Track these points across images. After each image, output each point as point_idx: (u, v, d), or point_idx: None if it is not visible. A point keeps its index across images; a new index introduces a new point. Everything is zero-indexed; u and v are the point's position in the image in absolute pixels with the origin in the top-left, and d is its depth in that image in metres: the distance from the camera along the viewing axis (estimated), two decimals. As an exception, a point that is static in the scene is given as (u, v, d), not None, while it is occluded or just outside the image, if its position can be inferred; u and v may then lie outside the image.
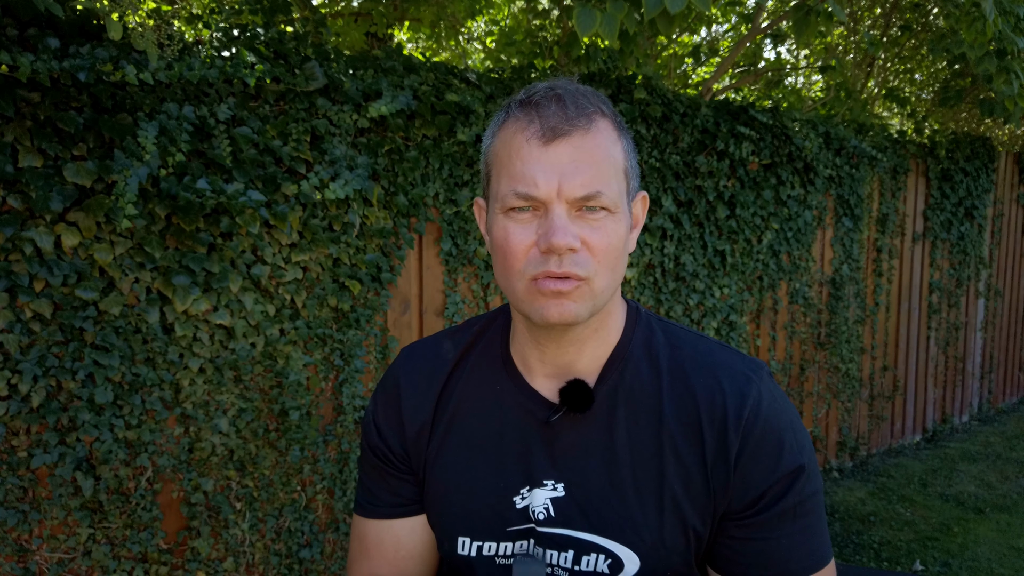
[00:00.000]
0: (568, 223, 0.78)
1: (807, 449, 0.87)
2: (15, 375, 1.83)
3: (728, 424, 0.84)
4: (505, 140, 0.82)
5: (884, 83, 5.00)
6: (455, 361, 0.96)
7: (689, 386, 0.87)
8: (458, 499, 0.92)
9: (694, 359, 0.89)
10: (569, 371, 0.89)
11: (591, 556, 0.86)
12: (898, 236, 4.60)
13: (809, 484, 0.86)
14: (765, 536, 0.85)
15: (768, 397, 0.87)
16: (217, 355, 2.14)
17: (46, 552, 1.95)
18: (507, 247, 0.81)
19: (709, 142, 3.36)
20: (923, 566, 3.28)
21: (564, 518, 0.87)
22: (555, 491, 0.88)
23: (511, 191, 0.79)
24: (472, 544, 0.91)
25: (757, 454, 0.84)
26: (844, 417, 4.39)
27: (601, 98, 0.84)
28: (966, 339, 5.35)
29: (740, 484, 0.84)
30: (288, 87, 2.21)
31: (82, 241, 1.88)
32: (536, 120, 0.79)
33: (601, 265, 0.80)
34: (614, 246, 0.81)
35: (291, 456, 2.31)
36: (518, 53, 3.92)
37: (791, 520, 0.84)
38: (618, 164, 0.82)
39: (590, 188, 0.78)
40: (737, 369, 0.88)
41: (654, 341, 0.91)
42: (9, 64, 1.72)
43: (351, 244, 2.36)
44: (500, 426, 0.91)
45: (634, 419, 0.87)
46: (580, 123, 0.79)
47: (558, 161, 0.78)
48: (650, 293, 3.26)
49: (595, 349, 0.89)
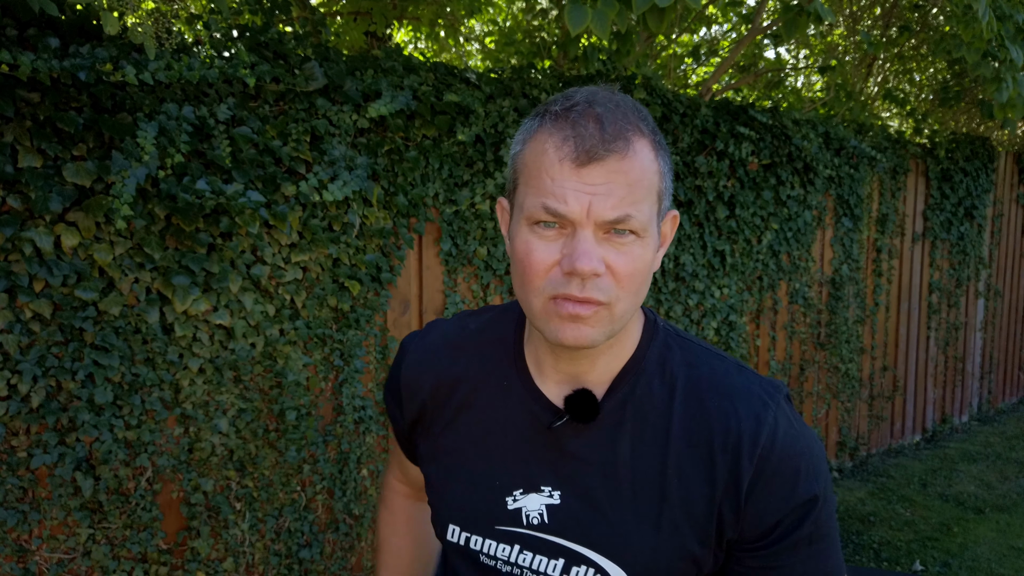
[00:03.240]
0: (594, 246, 0.76)
1: (823, 475, 0.85)
2: (15, 375, 1.83)
3: (742, 451, 0.82)
4: (536, 152, 0.79)
5: (884, 83, 5.00)
6: (464, 348, 0.97)
7: (703, 408, 0.85)
8: (453, 487, 0.92)
9: (711, 380, 0.87)
10: (580, 381, 0.88)
11: (580, 568, 0.85)
12: (898, 236, 4.60)
13: (824, 510, 0.84)
14: (779, 564, 0.83)
15: (785, 423, 0.84)
16: (217, 355, 2.14)
17: (46, 552, 1.95)
18: (528, 261, 0.79)
19: (709, 142, 3.36)
20: (923, 566, 3.28)
21: (558, 526, 0.86)
22: (551, 498, 0.87)
23: (540, 204, 0.77)
24: (461, 534, 0.91)
25: (772, 484, 0.82)
26: (844, 417, 4.39)
27: (642, 114, 0.81)
28: (966, 339, 5.35)
29: (753, 514, 0.82)
30: (288, 87, 2.21)
31: (82, 241, 1.88)
32: (572, 139, 0.76)
33: (623, 290, 0.78)
34: (639, 271, 0.79)
35: (290, 456, 2.31)
36: (517, 53, 3.92)
37: (806, 546, 0.83)
38: (652, 186, 0.80)
39: (620, 211, 0.76)
40: (754, 393, 0.85)
41: (669, 357, 0.89)
42: (9, 64, 1.72)
43: (351, 244, 2.36)
44: (503, 423, 0.91)
45: (640, 435, 0.85)
46: (618, 147, 0.76)
47: (591, 182, 0.75)
48: (650, 293, 3.26)
49: (608, 363, 0.88)
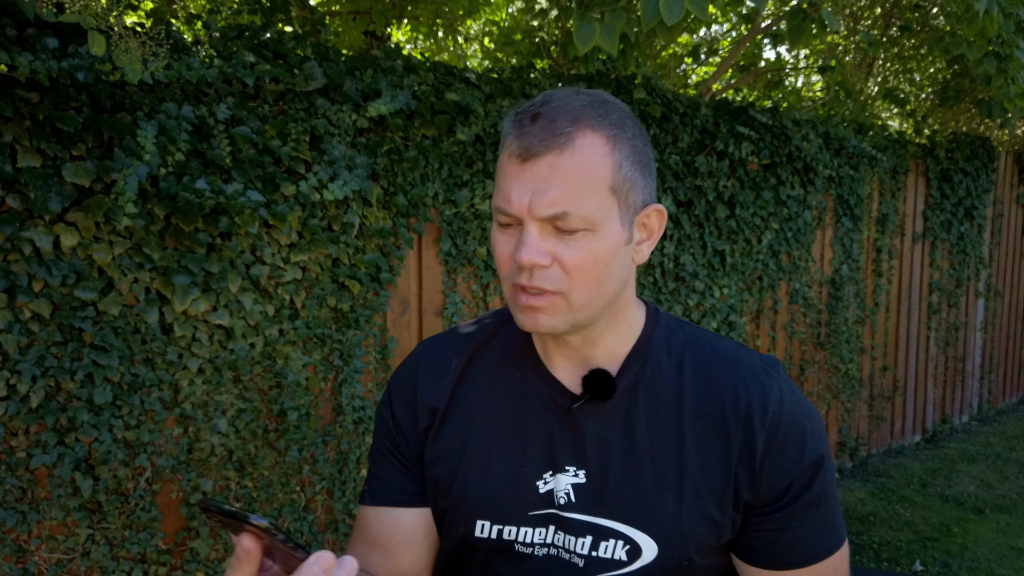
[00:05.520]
0: (538, 240, 0.81)
1: (825, 438, 0.92)
2: (14, 375, 1.83)
3: (754, 417, 0.88)
4: (501, 154, 0.86)
5: (884, 83, 5.00)
6: (471, 353, 1.00)
7: (711, 380, 0.91)
8: (478, 481, 0.93)
9: (715, 355, 0.93)
10: (589, 362, 0.93)
11: (609, 542, 0.88)
12: (898, 236, 4.59)
13: (828, 472, 0.90)
14: (793, 526, 0.89)
15: (788, 392, 0.91)
16: (216, 355, 2.14)
17: (45, 553, 1.94)
18: (496, 255, 0.87)
19: (709, 142, 3.36)
20: (923, 566, 3.28)
21: (584, 504, 0.90)
22: (576, 477, 0.90)
23: (496, 205, 0.84)
24: (492, 527, 0.93)
25: (784, 446, 0.88)
26: (844, 417, 4.39)
27: (602, 110, 0.83)
28: (966, 339, 5.35)
29: (768, 477, 0.88)
30: (287, 87, 2.21)
31: (81, 241, 1.87)
32: (518, 139, 0.82)
33: (575, 281, 0.82)
34: (591, 264, 0.82)
35: (290, 456, 2.31)
36: (516, 53, 3.91)
37: (815, 507, 0.89)
38: (601, 181, 0.81)
39: (557, 208, 0.79)
40: (756, 365, 0.92)
41: (674, 338, 0.95)
42: (8, 64, 1.72)
43: (350, 244, 2.36)
44: (522, 412, 0.94)
45: (654, 410, 0.91)
46: (557, 142, 0.80)
47: (532, 179, 0.80)
48: (650, 293, 3.26)
49: (611, 345, 0.92)
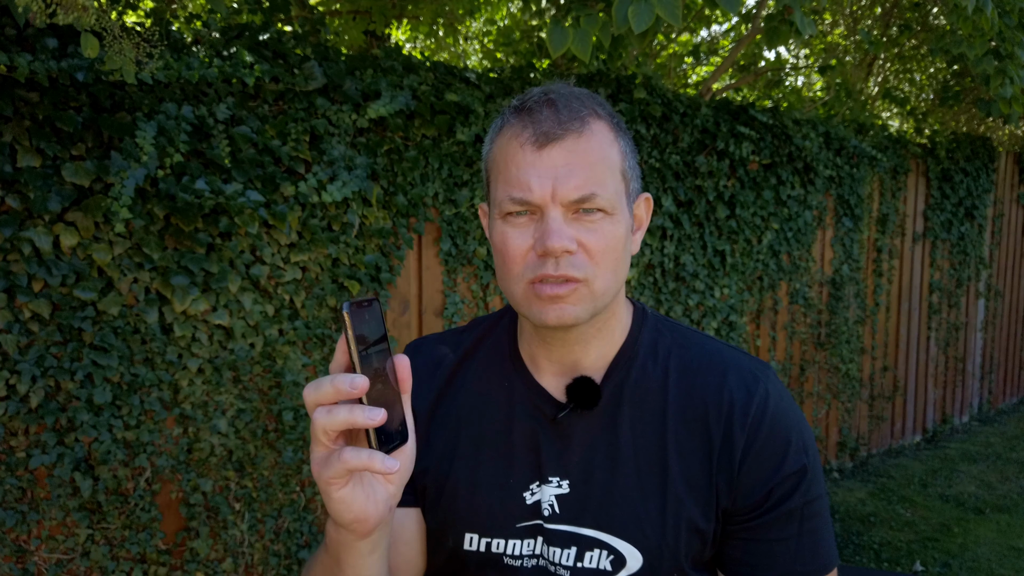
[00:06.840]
0: (564, 226, 0.79)
1: (812, 451, 0.88)
2: (13, 375, 1.83)
3: (734, 421, 0.85)
4: (502, 146, 0.84)
5: (884, 83, 5.00)
6: (459, 360, 0.98)
7: (696, 384, 0.88)
8: (466, 494, 0.92)
9: (702, 358, 0.91)
10: (576, 369, 0.91)
11: (594, 552, 0.87)
12: (898, 236, 4.59)
13: (815, 486, 0.86)
14: (771, 537, 0.85)
15: (776, 396, 0.88)
16: (216, 355, 2.14)
17: (44, 553, 1.94)
18: (505, 252, 0.83)
19: (709, 142, 3.36)
20: (923, 567, 3.28)
21: (568, 515, 0.88)
22: (560, 488, 0.89)
23: (507, 196, 0.81)
24: (480, 540, 0.91)
25: (763, 452, 0.85)
26: (844, 417, 4.38)
27: (597, 100, 0.85)
28: (966, 339, 5.35)
29: (746, 482, 0.85)
30: (287, 87, 2.21)
31: (80, 241, 1.87)
32: (530, 126, 0.81)
33: (599, 267, 0.81)
34: (612, 247, 0.82)
35: (289, 457, 2.31)
36: (515, 53, 3.91)
37: (797, 522, 0.85)
38: (615, 165, 0.83)
39: (584, 190, 0.79)
40: (745, 368, 0.89)
41: (661, 341, 0.93)
42: (7, 64, 1.72)
43: (350, 244, 2.36)
44: (509, 422, 0.92)
45: (639, 417, 0.88)
46: (573, 126, 0.80)
47: (552, 165, 0.79)
48: (650, 293, 3.26)
49: (600, 348, 0.90)
